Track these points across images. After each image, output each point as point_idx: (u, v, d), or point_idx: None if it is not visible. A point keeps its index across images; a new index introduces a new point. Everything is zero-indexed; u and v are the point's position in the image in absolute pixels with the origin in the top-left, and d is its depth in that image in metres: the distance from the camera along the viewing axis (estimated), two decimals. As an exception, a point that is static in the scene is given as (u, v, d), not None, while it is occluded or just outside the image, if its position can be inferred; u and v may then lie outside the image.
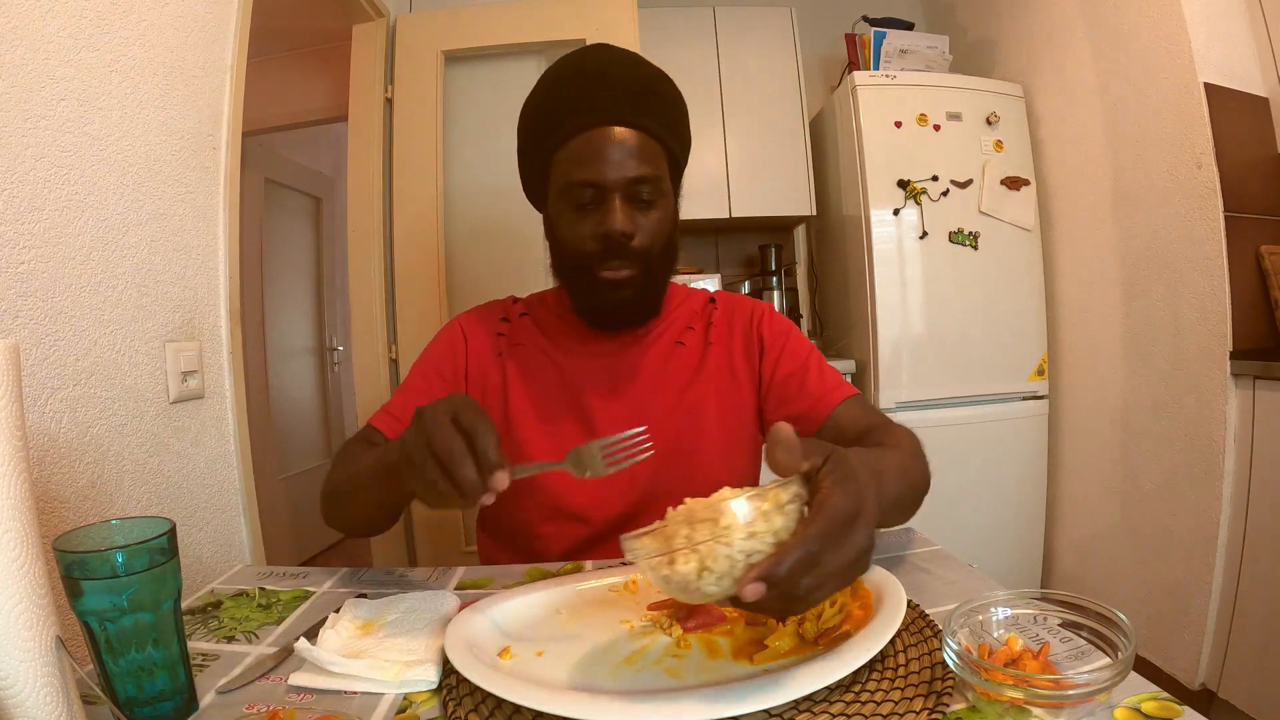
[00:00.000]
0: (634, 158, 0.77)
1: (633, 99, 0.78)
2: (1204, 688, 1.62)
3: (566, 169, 0.78)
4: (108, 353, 0.92)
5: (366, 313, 2.11)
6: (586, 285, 0.81)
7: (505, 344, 0.91)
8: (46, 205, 0.83)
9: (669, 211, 0.82)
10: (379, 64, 2.12)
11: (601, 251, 0.78)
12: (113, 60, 0.95)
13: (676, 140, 0.84)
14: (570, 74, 0.81)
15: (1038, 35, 2.16)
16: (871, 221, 2.07)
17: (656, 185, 0.79)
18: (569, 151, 0.78)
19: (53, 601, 0.42)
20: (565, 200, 0.79)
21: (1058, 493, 2.19)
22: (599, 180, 0.76)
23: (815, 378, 0.86)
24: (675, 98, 0.85)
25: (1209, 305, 1.62)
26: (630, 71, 0.81)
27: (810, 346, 0.91)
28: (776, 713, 0.43)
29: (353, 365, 2.19)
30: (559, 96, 0.80)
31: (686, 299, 0.96)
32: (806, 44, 2.44)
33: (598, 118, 0.77)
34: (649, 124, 0.79)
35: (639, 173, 0.77)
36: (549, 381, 0.88)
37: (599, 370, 0.88)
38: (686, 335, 0.91)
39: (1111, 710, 0.42)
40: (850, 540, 0.42)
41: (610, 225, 0.76)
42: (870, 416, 0.82)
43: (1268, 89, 1.68)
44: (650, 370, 0.88)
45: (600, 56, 0.82)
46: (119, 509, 0.91)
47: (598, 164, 0.76)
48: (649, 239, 0.79)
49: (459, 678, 0.47)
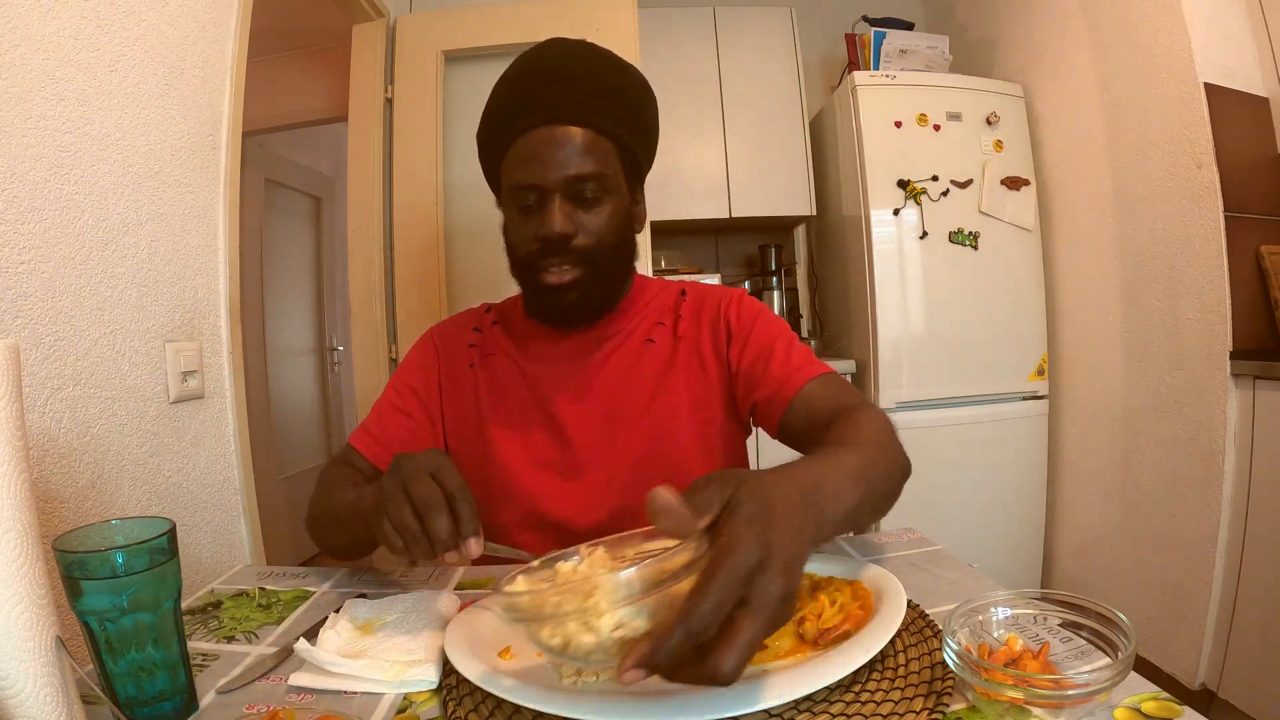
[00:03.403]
0: (576, 156, 0.75)
1: (578, 95, 0.76)
2: (1204, 688, 1.62)
3: (511, 171, 0.77)
4: (108, 353, 0.92)
5: (366, 313, 2.11)
6: (533, 288, 0.81)
7: (477, 354, 0.90)
8: (46, 205, 0.83)
9: (619, 209, 0.80)
10: (379, 64, 2.12)
11: (542, 253, 0.77)
12: (113, 60, 0.95)
13: (631, 134, 0.81)
14: (516, 74, 0.80)
15: (1038, 35, 2.16)
16: (871, 221, 2.07)
17: (601, 182, 0.77)
18: (513, 154, 0.77)
19: (53, 601, 0.42)
20: (512, 204, 0.79)
21: (1058, 493, 2.19)
22: (537, 182, 0.75)
23: (781, 358, 0.81)
24: (631, 91, 0.82)
25: (1209, 305, 1.62)
26: (579, 66, 0.79)
27: (780, 327, 0.87)
28: (776, 713, 0.43)
29: (353, 365, 2.19)
30: (505, 99, 0.79)
31: (659, 294, 0.93)
32: (806, 44, 2.44)
33: (538, 118, 0.75)
34: (595, 119, 0.76)
35: (579, 171, 0.75)
36: (519, 390, 0.87)
37: (566, 375, 0.86)
38: (657, 332, 0.88)
39: (1111, 710, 0.42)
40: (755, 595, 0.36)
41: (548, 227, 0.75)
42: (841, 396, 0.77)
43: (1268, 89, 1.68)
44: (619, 371, 0.86)
45: (549, 54, 0.80)
46: (119, 509, 0.91)
47: (536, 165, 0.75)
48: (593, 238, 0.77)
49: (459, 678, 0.47)
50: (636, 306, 0.90)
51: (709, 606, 0.35)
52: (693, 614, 0.35)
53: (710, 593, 0.35)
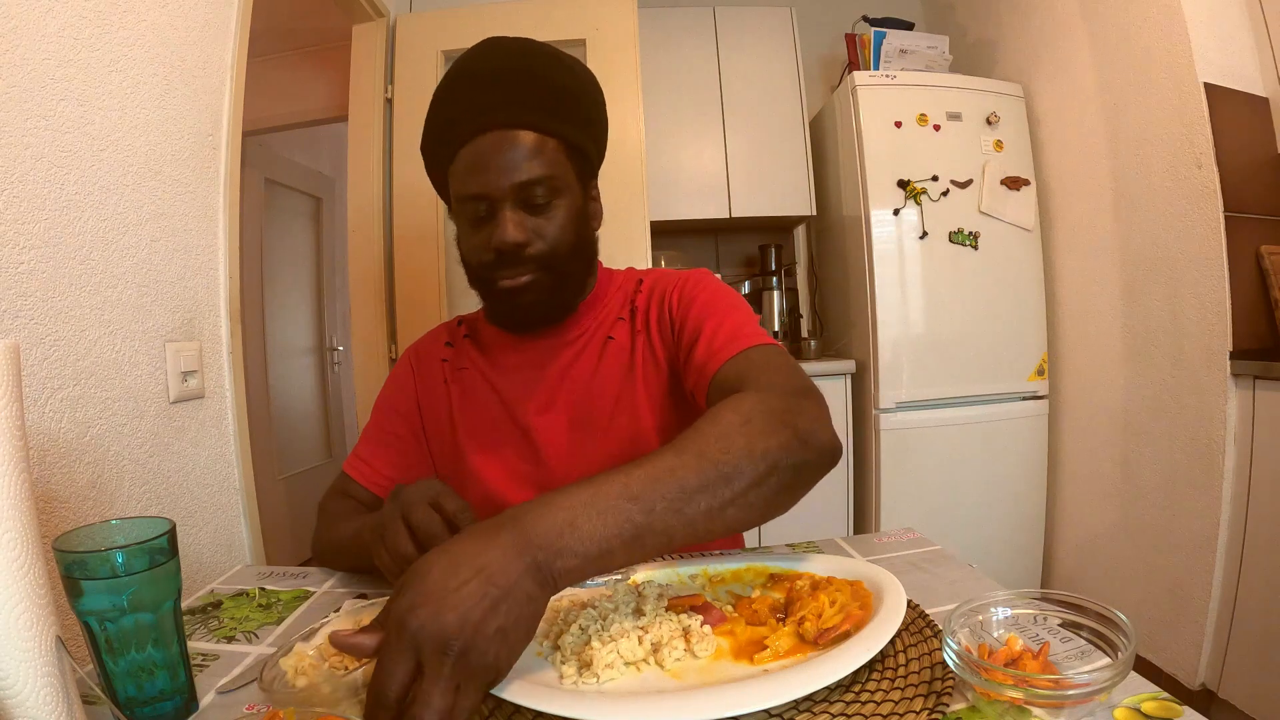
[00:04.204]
0: (523, 160, 0.72)
1: (518, 95, 0.73)
2: (1204, 688, 1.62)
3: (457, 184, 0.75)
4: (108, 353, 0.92)
5: (366, 313, 2.11)
6: (491, 295, 0.79)
7: (449, 369, 0.89)
8: (46, 205, 0.83)
9: (572, 209, 0.77)
10: (379, 64, 2.12)
11: (497, 263, 0.75)
12: (113, 60, 0.95)
13: (578, 130, 0.77)
14: (453, 80, 0.77)
15: (1038, 35, 2.16)
16: (871, 221, 2.07)
17: (551, 185, 0.74)
18: (459, 164, 0.75)
19: (53, 601, 0.42)
20: (461, 215, 0.77)
21: (1058, 493, 2.19)
22: (484, 192, 0.73)
23: (705, 344, 0.73)
24: (572, 85, 0.78)
25: (1209, 305, 1.62)
26: (515, 65, 0.75)
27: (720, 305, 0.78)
28: (776, 713, 0.43)
29: (353, 365, 2.18)
30: (446, 104, 0.76)
31: (620, 286, 0.89)
32: (806, 44, 2.44)
33: (478, 124, 0.72)
34: (538, 120, 0.73)
35: (527, 176, 0.72)
36: (489, 403, 0.86)
37: (532, 383, 0.84)
38: (617, 328, 0.85)
39: (1111, 710, 0.42)
40: (419, 700, 0.38)
41: (501, 238, 0.73)
42: (748, 376, 0.66)
43: (1268, 89, 1.68)
44: (584, 375, 0.83)
45: (484, 56, 0.77)
46: (119, 509, 0.91)
47: (482, 174, 0.72)
48: (548, 243, 0.75)
49: (459, 678, 0.47)
50: (600, 304, 0.86)
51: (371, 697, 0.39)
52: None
53: (378, 697, 0.39)
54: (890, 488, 2.08)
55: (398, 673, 0.39)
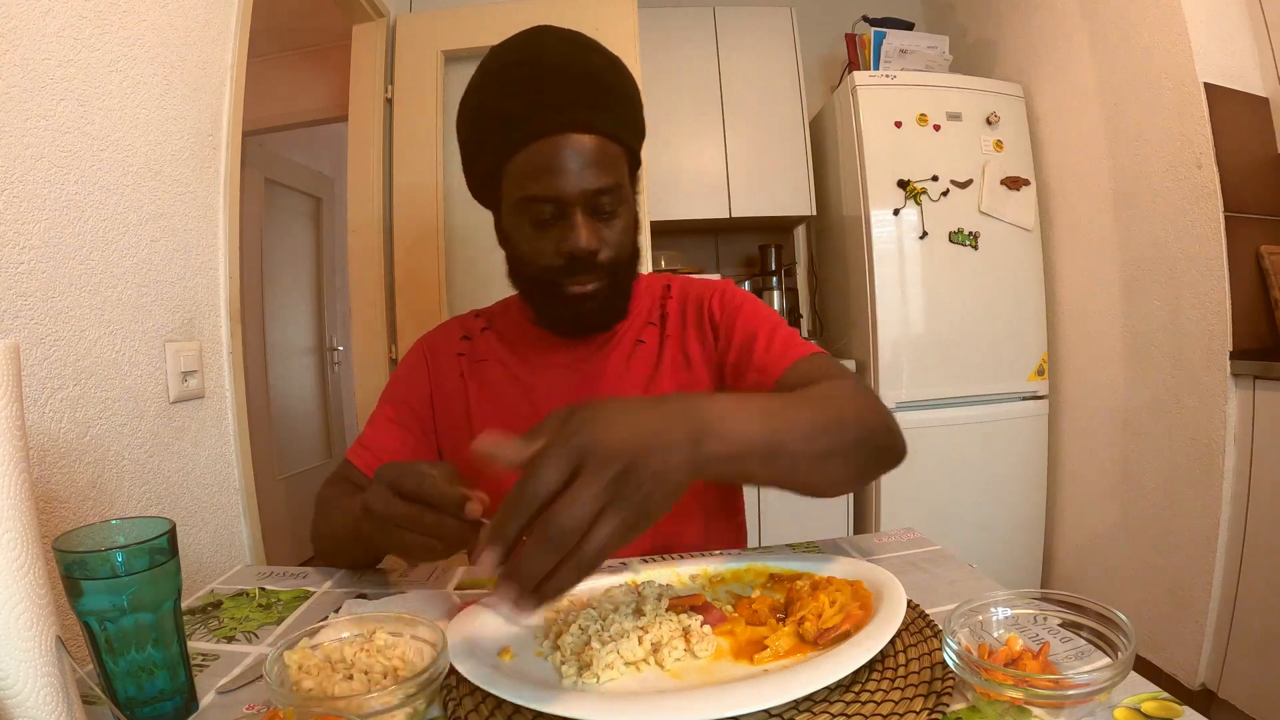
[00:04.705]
0: (593, 166, 0.71)
1: (586, 97, 0.72)
2: (1204, 688, 1.62)
3: (521, 181, 0.73)
4: (108, 353, 0.92)
5: (366, 313, 2.11)
6: (552, 299, 0.78)
7: (467, 364, 0.88)
8: (46, 205, 0.83)
9: (631, 217, 0.78)
10: (379, 64, 2.12)
11: (566, 267, 0.74)
12: (113, 60, 0.95)
13: (634, 136, 0.78)
14: (511, 69, 0.74)
15: (1037, 35, 2.16)
16: (871, 221, 2.07)
17: (618, 193, 0.74)
18: (522, 162, 0.72)
19: (53, 601, 0.42)
20: (522, 215, 0.74)
21: (1058, 493, 2.19)
22: (558, 195, 0.71)
23: (764, 345, 0.78)
24: (628, 87, 0.78)
25: (1209, 305, 1.62)
26: (579, 61, 0.74)
27: (765, 315, 0.84)
28: (776, 713, 0.43)
29: (353, 365, 2.19)
30: (505, 96, 0.73)
31: (646, 291, 0.91)
32: (806, 44, 2.44)
33: (550, 124, 0.70)
34: (606, 124, 0.73)
35: (600, 184, 0.72)
36: (512, 398, 0.85)
37: (563, 381, 0.84)
38: (646, 332, 0.87)
39: (1111, 710, 0.42)
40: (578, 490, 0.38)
41: (575, 243, 0.72)
42: (829, 369, 0.74)
43: (1268, 89, 1.68)
44: (614, 375, 0.84)
45: (544, 45, 0.75)
46: (119, 509, 0.91)
47: (554, 178, 0.70)
48: (615, 250, 0.76)
49: (459, 678, 0.47)
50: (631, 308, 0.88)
51: (520, 495, 0.38)
52: (511, 505, 0.38)
53: (521, 487, 0.38)
54: (890, 488, 2.08)
55: (552, 477, 0.38)
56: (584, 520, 0.38)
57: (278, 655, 0.46)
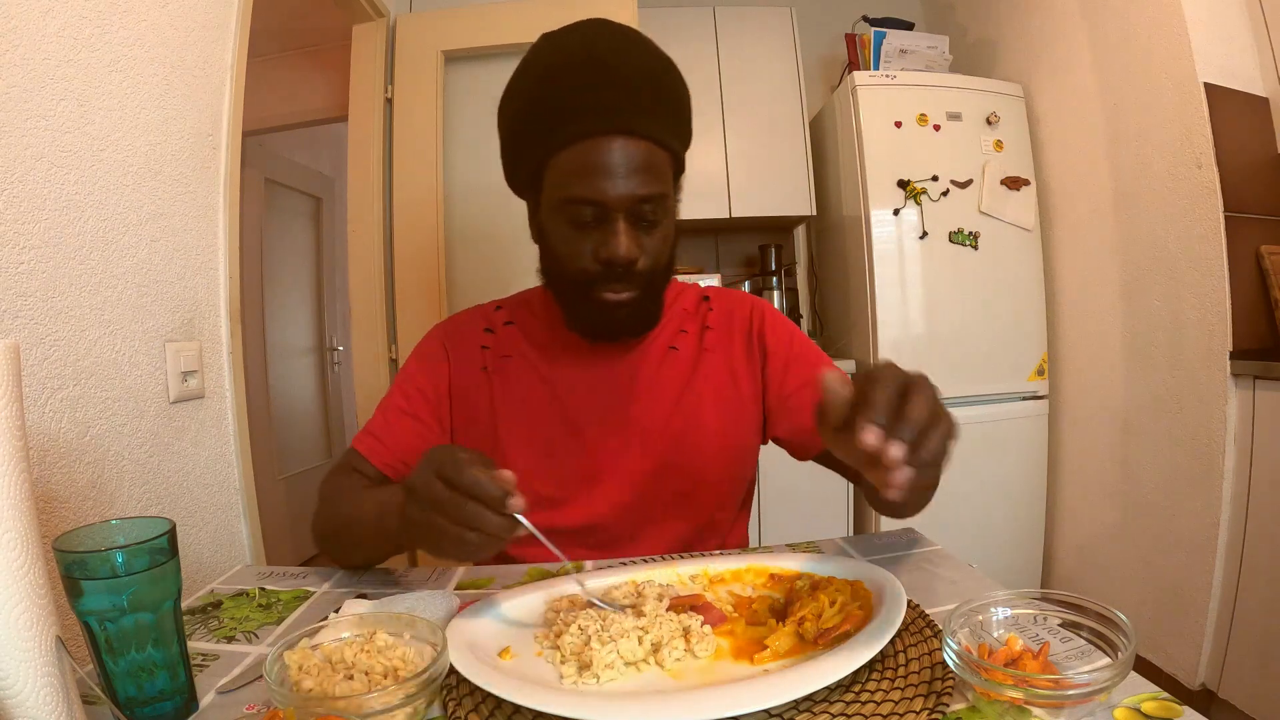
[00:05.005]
0: (640, 174, 0.70)
1: (639, 100, 0.70)
2: (1204, 688, 1.62)
3: (564, 180, 0.71)
4: (108, 353, 0.92)
5: (366, 313, 2.11)
6: (584, 303, 0.76)
7: (491, 358, 0.86)
8: (46, 205, 0.83)
9: (671, 227, 0.77)
10: (379, 64, 2.12)
11: (603, 273, 0.73)
12: (113, 60, 0.95)
13: (683, 144, 0.77)
14: (567, 61, 0.72)
15: (1037, 35, 2.16)
16: (871, 221, 2.07)
17: (662, 203, 0.73)
18: (568, 161, 0.70)
19: (53, 601, 0.42)
20: (562, 214, 0.73)
21: (1058, 493, 2.19)
22: (602, 200, 0.69)
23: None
24: (682, 92, 0.77)
25: (1209, 305, 1.62)
26: (636, 62, 0.72)
27: (816, 349, 0.88)
28: (776, 713, 0.43)
29: (353, 365, 2.19)
30: (555, 89, 0.71)
31: (678, 297, 0.90)
32: (806, 44, 2.44)
33: (601, 124, 0.69)
34: (656, 130, 0.71)
35: (645, 192, 0.70)
36: (539, 399, 0.83)
37: (592, 383, 0.83)
38: (680, 339, 0.87)
39: (1111, 710, 0.42)
40: (916, 388, 0.46)
41: (614, 251, 0.70)
42: None
43: (1268, 89, 1.68)
44: (644, 379, 0.84)
45: (601, 41, 0.73)
46: (119, 509, 0.91)
47: (600, 181, 0.69)
48: (653, 260, 0.74)
49: (459, 678, 0.47)
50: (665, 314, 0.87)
51: (881, 384, 0.46)
52: (876, 403, 0.45)
53: (876, 381, 0.47)
54: (890, 488, 2.07)
55: (892, 390, 0.46)
56: (934, 405, 0.47)
57: (278, 655, 0.46)
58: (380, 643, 0.49)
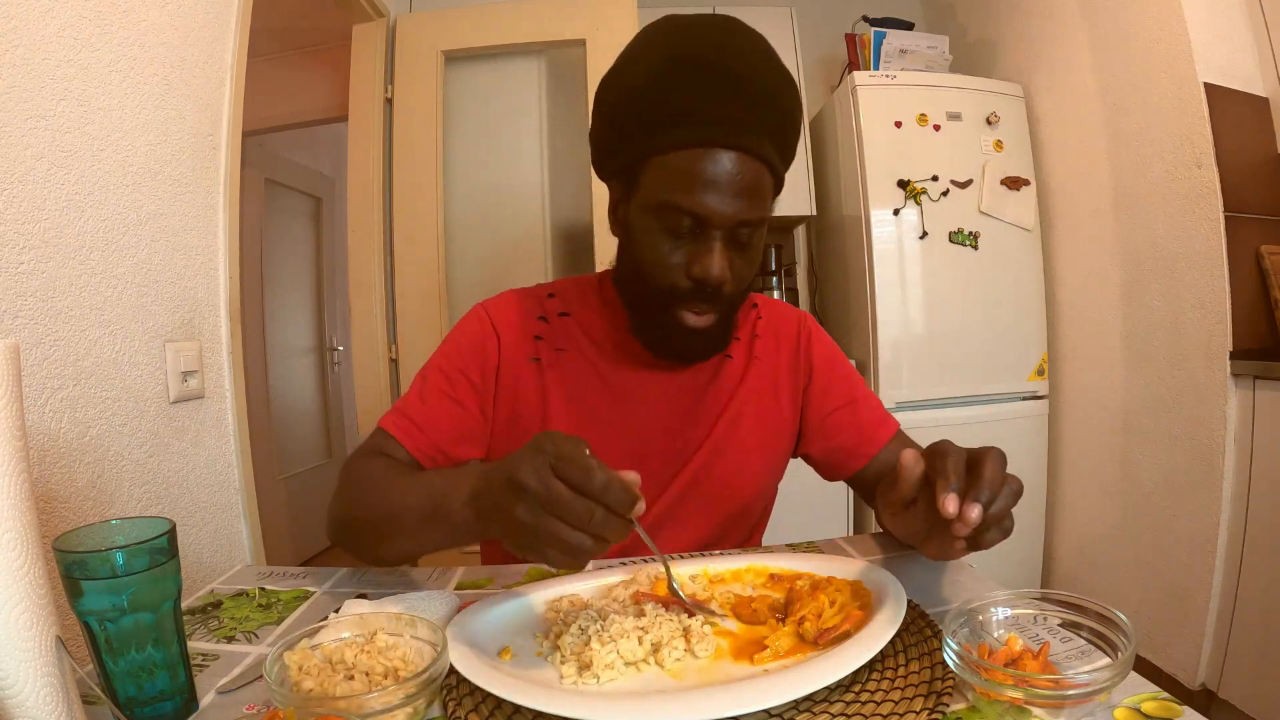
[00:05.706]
0: (748, 195, 0.66)
1: (764, 118, 0.67)
2: (1204, 688, 1.62)
3: (667, 183, 0.67)
4: (108, 353, 0.92)
5: (366, 313, 2.11)
6: (661, 317, 0.72)
7: (545, 349, 0.80)
8: (46, 205, 0.83)
9: (759, 251, 0.73)
10: (379, 64, 2.12)
11: (690, 292, 0.69)
12: (113, 60, 0.95)
13: (787, 167, 0.73)
14: (695, 57, 0.67)
15: (1037, 35, 2.16)
16: (871, 221, 2.07)
17: (759, 227, 0.69)
18: (673, 165, 0.66)
19: (53, 601, 0.42)
20: (656, 218, 0.68)
21: (1058, 493, 2.19)
22: (706, 215, 0.66)
23: (865, 411, 0.84)
24: (799, 114, 0.72)
25: (1209, 305, 1.62)
26: (767, 77, 0.68)
27: (855, 372, 0.88)
28: (776, 713, 0.43)
29: (353, 365, 2.19)
30: (677, 84, 0.66)
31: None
32: (806, 44, 2.44)
33: (719, 135, 0.65)
34: (769, 153, 0.67)
35: (749, 215, 0.67)
36: (594, 398, 0.80)
37: (651, 386, 0.80)
38: (734, 346, 0.84)
39: (1111, 710, 0.42)
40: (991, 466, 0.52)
41: (707, 270, 0.67)
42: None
43: (1268, 89, 1.68)
44: (699, 386, 0.82)
45: (733, 44, 0.69)
46: (119, 509, 0.91)
47: (707, 195, 0.65)
48: (739, 284, 0.71)
49: (459, 678, 0.47)
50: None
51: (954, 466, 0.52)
52: (949, 471, 0.52)
53: (951, 464, 0.52)
54: (890, 488, 2.07)
55: (963, 460, 0.52)
56: (1002, 466, 0.53)
57: (278, 655, 0.46)
58: (380, 643, 0.49)
